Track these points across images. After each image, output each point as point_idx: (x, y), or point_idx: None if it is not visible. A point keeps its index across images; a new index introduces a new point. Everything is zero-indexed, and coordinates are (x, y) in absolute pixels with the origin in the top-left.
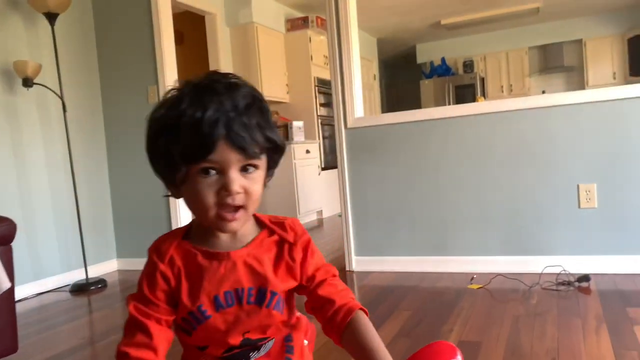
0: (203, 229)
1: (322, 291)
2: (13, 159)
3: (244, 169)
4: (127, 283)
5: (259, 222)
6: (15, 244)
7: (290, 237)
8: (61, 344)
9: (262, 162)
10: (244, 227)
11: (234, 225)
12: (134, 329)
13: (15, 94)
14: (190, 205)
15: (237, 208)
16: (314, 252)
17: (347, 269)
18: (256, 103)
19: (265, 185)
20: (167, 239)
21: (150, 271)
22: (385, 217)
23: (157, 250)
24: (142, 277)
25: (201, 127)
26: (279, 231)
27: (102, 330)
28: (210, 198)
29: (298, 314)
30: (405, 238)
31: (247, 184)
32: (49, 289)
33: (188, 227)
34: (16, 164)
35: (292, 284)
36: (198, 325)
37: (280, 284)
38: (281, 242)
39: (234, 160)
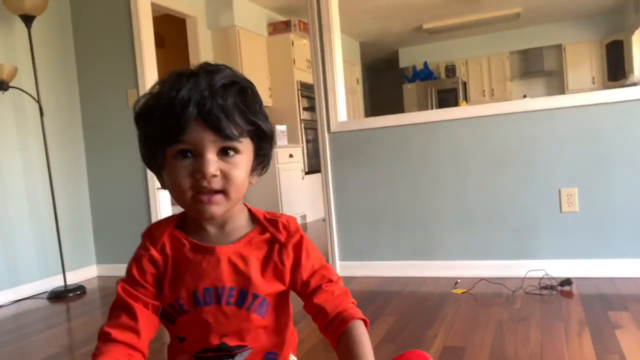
0: (194, 220)
1: (317, 299)
2: None
3: (224, 153)
4: (107, 290)
5: (253, 218)
6: None
7: (282, 237)
8: (38, 352)
9: (244, 146)
10: (235, 221)
11: (213, 209)
12: (119, 310)
13: None
14: (170, 191)
15: (216, 192)
16: (309, 254)
17: None
18: (236, 85)
19: (252, 175)
20: (161, 226)
21: (141, 255)
22: (369, 221)
23: (150, 236)
24: (132, 261)
25: (174, 106)
26: (271, 229)
27: (81, 338)
28: (186, 181)
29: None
30: (388, 242)
31: (226, 167)
32: (26, 296)
33: (182, 216)
34: None
35: (280, 287)
36: (178, 317)
37: (266, 286)
38: (272, 242)
39: (209, 141)
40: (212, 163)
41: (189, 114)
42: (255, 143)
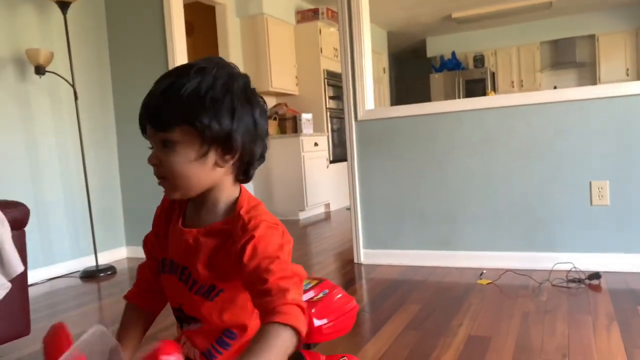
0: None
1: (254, 301)
2: (25, 146)
3: (163, 144)
4: (136, 271)
5: (234, 207)
6: (27, 230)
7: (237, 233)
8: (71, 328)
9: (179, 136)
10: (210, 208)
11: (166, 192)
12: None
13: (27, 82)
14: None
15: (161, 178)
16: (254, 255)
17: (355, 261)
18: (184, 81)
19: (213, 163)
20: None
21: (156, 212)
22: (394, 210)
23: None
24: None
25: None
26: (233, 224)
27: (112, 316)
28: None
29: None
30: (413, 232)
31: (163, 157)
32: (60, 275)
33: None
34: (28, 151)
35: (228, 278)
36: (160, 273)
37: (208, 275)
38: (227, 235)
39: (151, 134)
40: (153, 154)
41: (141, 115)
42: (198, 132)
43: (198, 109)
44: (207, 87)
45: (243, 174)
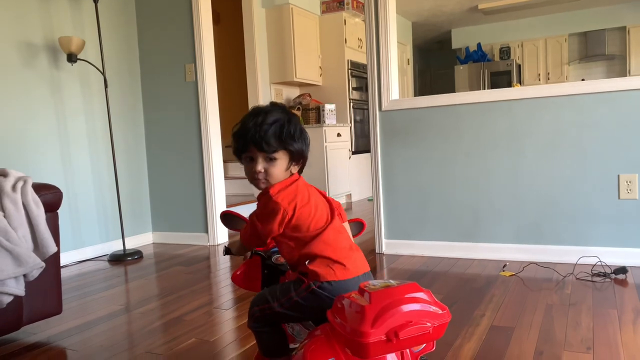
0: None
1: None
2: (57, 131)
3: (268, 159)
4: (162, 256)
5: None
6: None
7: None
8: (100, 309)
9: (279, 155)
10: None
11: (257, 185)
12: None
13: (59, 69)
14: (245, 173)
15: (259, 179)
16: (256, 209)
17: (377, 251)
18: (276, 123)
19: (291, 167)
20: None
21: None
22: (417, 201)
23: None
24: None
25: (242, 136)
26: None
27: (139, 298)
28: (250, 172)
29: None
30: (436, 223)
31: (267, 167)
32: (89, 258)
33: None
34: (59, 137)
35: None
36: None
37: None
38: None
39: (257, 153)
40: (259, 165)
41: (247, 141)
42: (289, 153)
43: (292, 140)
44: (293, 124)
45: (299, 172)
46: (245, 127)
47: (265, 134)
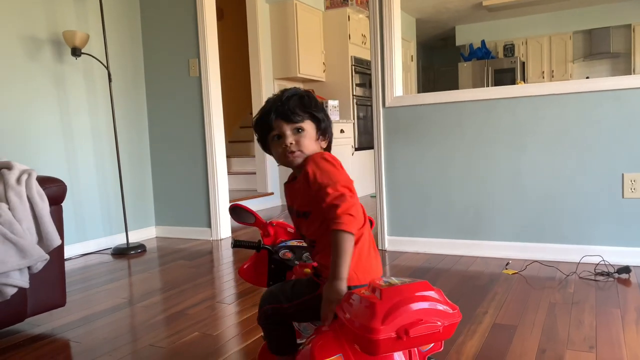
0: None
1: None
2: (60, 125)
3: (296, 131)
4: (165, 249)
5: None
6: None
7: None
8: (104, 302)
9: (307, 125)
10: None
11: (293, 161)
12: None
13: (63, 63)
14: (275, 157)
15: (293, 152)
16: (314, 182)
17: (380, 248)
18: (295, 95)
19: (319, 140)
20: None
21: None
22: (420, 198)
23: None
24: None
25: (266, 114)
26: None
27: (142, 291)
28: (280, 152)
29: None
30: (438, 220)
31: (298, 139)
32: (92, 251)
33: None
34: (63, 131)
35: (310, 204)
36: None
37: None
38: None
39: (285, 126)
40: (288, 138)
41: (272, 116)
42: (315, 122)
43: (315, 108)
44: (312, 96)
45: (326, 149)
46: (267, 106)
47: (289, 102)
